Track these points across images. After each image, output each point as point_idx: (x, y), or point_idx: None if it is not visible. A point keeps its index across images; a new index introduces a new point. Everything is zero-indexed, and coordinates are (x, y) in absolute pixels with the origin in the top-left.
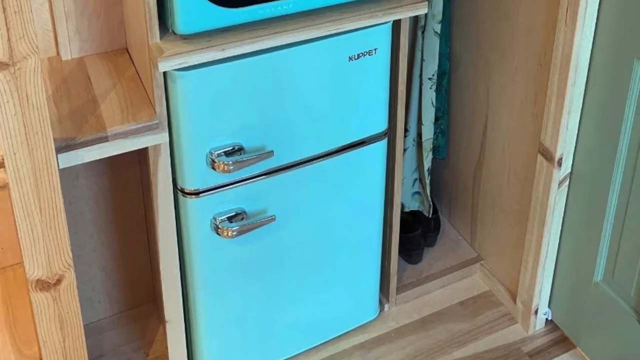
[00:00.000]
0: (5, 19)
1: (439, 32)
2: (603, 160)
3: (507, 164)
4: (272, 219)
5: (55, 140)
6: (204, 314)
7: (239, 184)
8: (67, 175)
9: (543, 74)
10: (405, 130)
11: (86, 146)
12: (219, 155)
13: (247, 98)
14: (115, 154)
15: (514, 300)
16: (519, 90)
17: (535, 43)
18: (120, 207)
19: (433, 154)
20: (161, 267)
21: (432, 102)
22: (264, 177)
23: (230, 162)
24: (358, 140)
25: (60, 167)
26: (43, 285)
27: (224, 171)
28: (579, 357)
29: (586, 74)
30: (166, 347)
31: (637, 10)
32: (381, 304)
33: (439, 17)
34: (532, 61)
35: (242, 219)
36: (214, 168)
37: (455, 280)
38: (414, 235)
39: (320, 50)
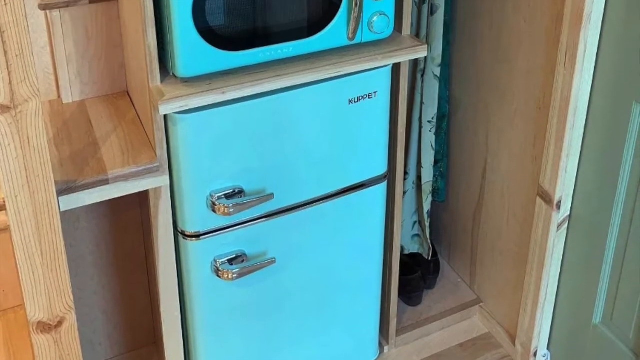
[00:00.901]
0: (7, 62)
1: (438, 75)
2: (602, 203)
3: (506, 206)
4: (273, 261)
5: (56, 183)
6: (204, 356)
7: (240, 226)
8: (68, 217)
9: (542, 117)
10: (405, 172)
11: (87, 189)
12: (219, 197)
13: (248, 141)
14: (116, 196)
15: (514, 342)
16: (519, 133)
17: (535, 86)
18: (121, 249)
19: (433, 196)
20: (162, 309)
21: (432, 145)
22: (264, 219)
23: (231, 205)
24: (358, 183)
25: (62, 210)
26: (44, 327)
27: (224, 214)
28: None
29: (585, 117)
30: None
31: (635, 53)
32: (381, 345)
33: (439, 60)
34: (531, 104)
35: (243, 261)
36: (214, 211)
37: (454, 322)
38: (413, 277)
39: (320, 93)
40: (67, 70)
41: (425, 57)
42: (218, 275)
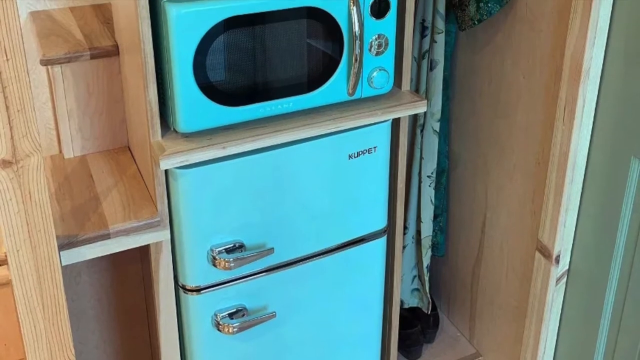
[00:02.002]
0: (9, 117)
1: (438, 130)
2: (600, 257)
3: (505, 261)
4: (273, 315)
5: (57, 237)
6: None
7: (240, 280)
8: (70, 272)
9: (541, 172)
10: (405, 227)
11: (88, 243)
12: (219, 252)
13: (248, 195)
14: (117, 251)
15: None
16: (517, 188)
17: (534, 141)
18: (122, 303)
19: (432, 251)
20: None
21: (431, 200)
22: (264, 274)
23: (231, 259)
24: (358, 238)
25: (63, 264)
26: None
27: (225, 268)
28: None
29: (584, 172)
30: None
31: (634, 109)
32: None
33: (438, 115)
34: (530, 159)
35: (243, 315)
36: (215, 265)
37: None
38: (413, 331)
39: (320, 148)
40: (68, 125)
41: (425, 112)
42: (219, 329)
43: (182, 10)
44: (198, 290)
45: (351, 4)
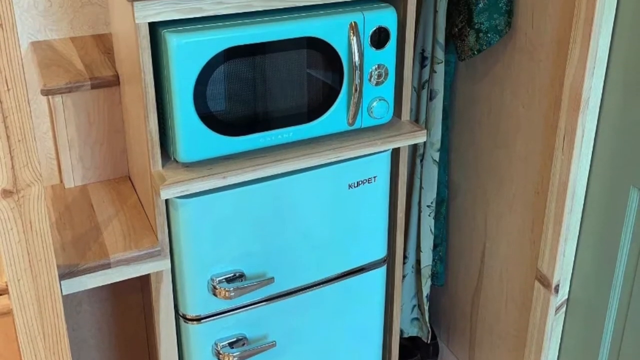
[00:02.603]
0: (10, 147)
1: (437, 160)
2: (599, 286)
3: (504, 290)
4: (273, 344)
5: (58, 267)
6: None
7: (240, 310)
8: (70, 301)
9: (540, 202)
10: (404, 257)
11: (89, 273)
12: (220, 281)
13: (248, 225)
14: (117, 280)
15: None
16: (517, 218)
17: (533, 171)
18: (123, 333)
19: (432, 280)
20: None
21: (431, 230)
22: (264, 303)
23: (232, 289)
24: (357, 267)
25: (64, 294)
26: None
27: (225, 297)
28: None
29: (583, 202)
30: None
31: (633, 138)
32: None
33: (438, 145)
34: (529, 189)
35: (243, 344)
36: (215, 294)
37: None
38: None
39: (320, 178)
40: (69, 155)
41: (425, 142)
42: (219, 359)
43: (183, 40)
44: (198, 319)
45: (351, 34)
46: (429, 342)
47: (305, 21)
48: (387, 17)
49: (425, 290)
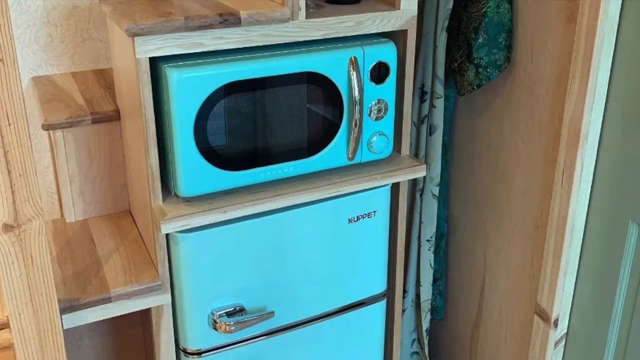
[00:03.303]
0: (11, 181)
1: (437, 194)
2: (599, 321)
3: (504, 324)
4: None
5: (59, 301)
6: None
7: (241, 344)
8: (71, 335)
9: (539, 236)
10: (404, 291)
11: (90, 307)
12: (220, 315)
13: (248, 259)
14: (118, 314)
15: None
16: (516, 252)
17: (532, 205)
18: None
19: (431, 314)
20: None
21: (431, 264)
22: (264, 337)
23: (232, 323)
24: (357, 301)
25: (65, 328)
26: None
27: (225, 332)
28: None
29: (582, 236)
30: None
31: (632, 173)
32: None
33: (437, 180)
34: (529, 223)
35: None
36: (215, 328)
37: None
38: None
39: (320, 212)
40: (70, 189)
41: (424, 177)
42: None
43: (183, 75)
44: (199, 353)
45: (351, 69)
46: None
47: (305, 56)
48: (386, 52)
49: (425, 324)
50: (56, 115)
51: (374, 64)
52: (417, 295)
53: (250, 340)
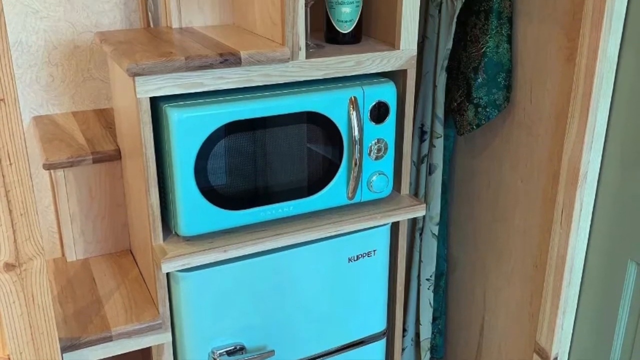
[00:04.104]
0: (12, 220)
1: (436, 233)
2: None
3: None
4: None
5: (60, 340)
6: None
7: None
8: None
9: (539, 275)
10: (404, 329)
11: (91, 346)
12: (220, 354)
13: (249, 298)
14: (119, 353)
15: None
16: (515, 291)
17: (531, 244)
18: None
19: (431, 353)
20: None
21: (430, 303)
22: None
23: None
24: (357, 340)
25: None
26: None
27: None
28: None
29: (581, 275)
30: None
31: (630, 212)
32: None
33: (437, 219)
34: (528, 262)
35: None
36: None
37: None
38: None
39: (320, 251)
40: (71, 228)
41: (424, 216)
42: None
43: (184, 115)
44: None
45: (351, 108)
46: None
47: (305, 96)
48: (386, 92)
49: None
50: (57, 154)
51: (374, 103)
52: (417, 334)
53: None
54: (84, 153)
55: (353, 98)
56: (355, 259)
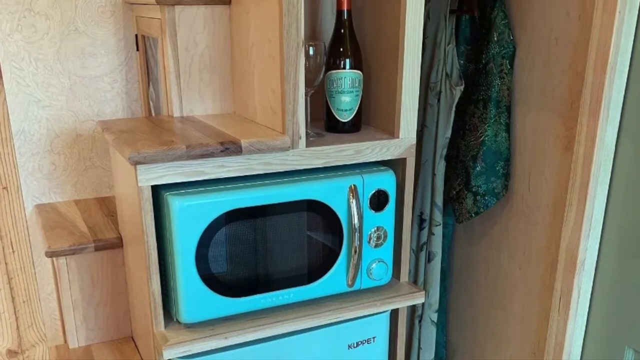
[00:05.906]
0: (14, 307)
1: (435, 320)
2: None
3: None
4: None
5: None
6: None
7: None
8: None
9: None
10: None
11: None
12: None
13: None
14: None
15: None
16: None
17: (529, 332)
18: None
19: None
20: None
21: None
22: None
23: None
24: None
25: None
26: None
27: None
28: None
29: None
30: None
31: (628, 299)
32: None
33: (436, 306)
34: (526, 349)
35: None
36: None
37: None
38: None
39: (320, 338)
40: (73, 316)
41: (423, 303)
42: None
43: (185, 203)
44: None
45: (350, 197)
46: None
47: (305, 184)
48: (386, 181)
49: None
50: (59, 242)
51: (374, 191)
52: None
53: None
54: (86, 241)
55: (353, 186)
56: (355, 345)
